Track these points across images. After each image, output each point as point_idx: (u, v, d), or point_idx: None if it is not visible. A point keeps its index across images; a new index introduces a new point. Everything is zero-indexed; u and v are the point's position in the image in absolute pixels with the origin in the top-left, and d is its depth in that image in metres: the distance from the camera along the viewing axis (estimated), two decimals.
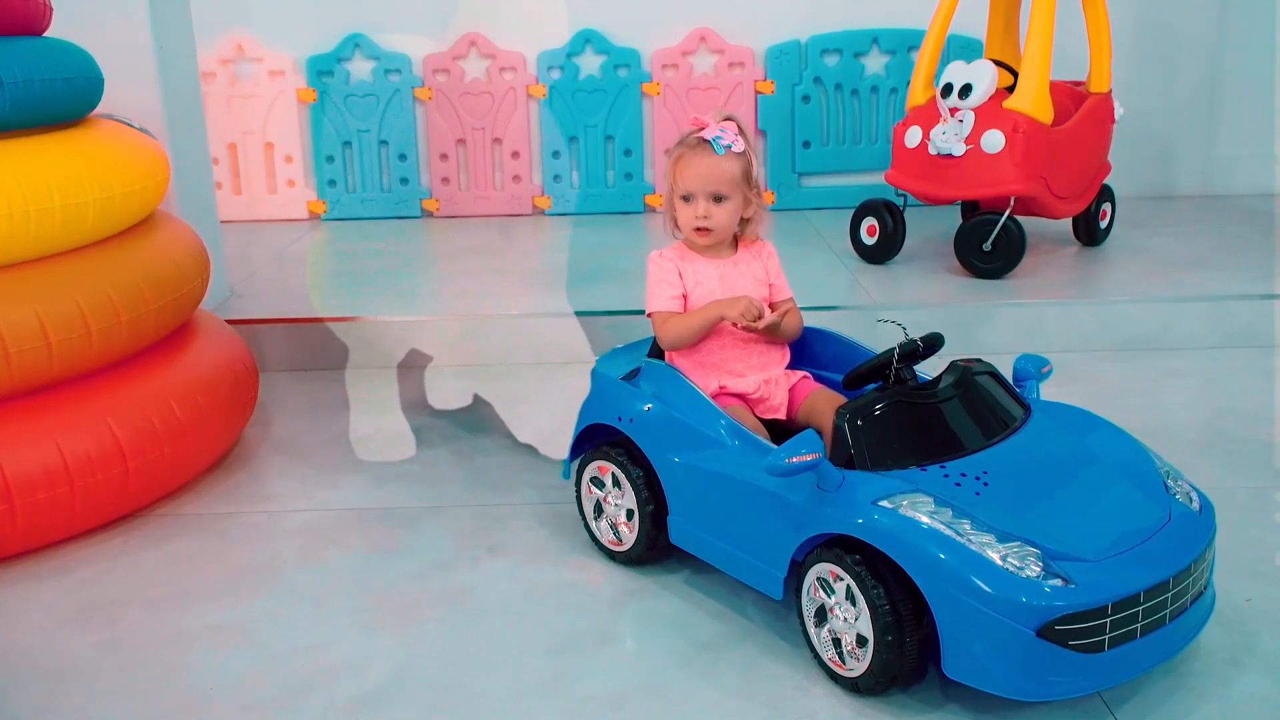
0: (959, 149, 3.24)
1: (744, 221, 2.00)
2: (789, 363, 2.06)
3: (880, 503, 1.55)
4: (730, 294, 1.96)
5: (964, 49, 4.06)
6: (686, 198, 1.96)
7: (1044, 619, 1.43)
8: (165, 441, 2.19)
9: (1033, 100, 3.21)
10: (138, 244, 2.32)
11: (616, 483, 1.99)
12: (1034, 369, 1.87)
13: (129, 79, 2.85)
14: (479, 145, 4.41)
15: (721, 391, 1.97)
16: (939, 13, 3.46)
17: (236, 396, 2.45)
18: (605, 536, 2.03)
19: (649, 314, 2.00)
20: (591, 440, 2.06)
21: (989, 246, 3.25)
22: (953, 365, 1.79)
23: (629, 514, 1.97)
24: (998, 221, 3.24)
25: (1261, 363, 2.95)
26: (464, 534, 2.14)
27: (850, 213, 3.61)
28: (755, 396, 1.98)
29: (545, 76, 4.35)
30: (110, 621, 1.89)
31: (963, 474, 1.62)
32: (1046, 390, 1.92)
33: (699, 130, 1.95)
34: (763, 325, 1.91)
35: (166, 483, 2.27)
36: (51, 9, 2.31)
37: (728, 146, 1.92)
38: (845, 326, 2.27)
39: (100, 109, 2.42)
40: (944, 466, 1.63)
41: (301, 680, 1.71)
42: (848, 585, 1.58)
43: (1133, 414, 2.50)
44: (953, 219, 3.74)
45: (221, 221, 3.50)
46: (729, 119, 1.96)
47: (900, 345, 1.77)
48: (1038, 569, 1.46)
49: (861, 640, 1.58)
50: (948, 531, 1.50)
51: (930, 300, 3.16)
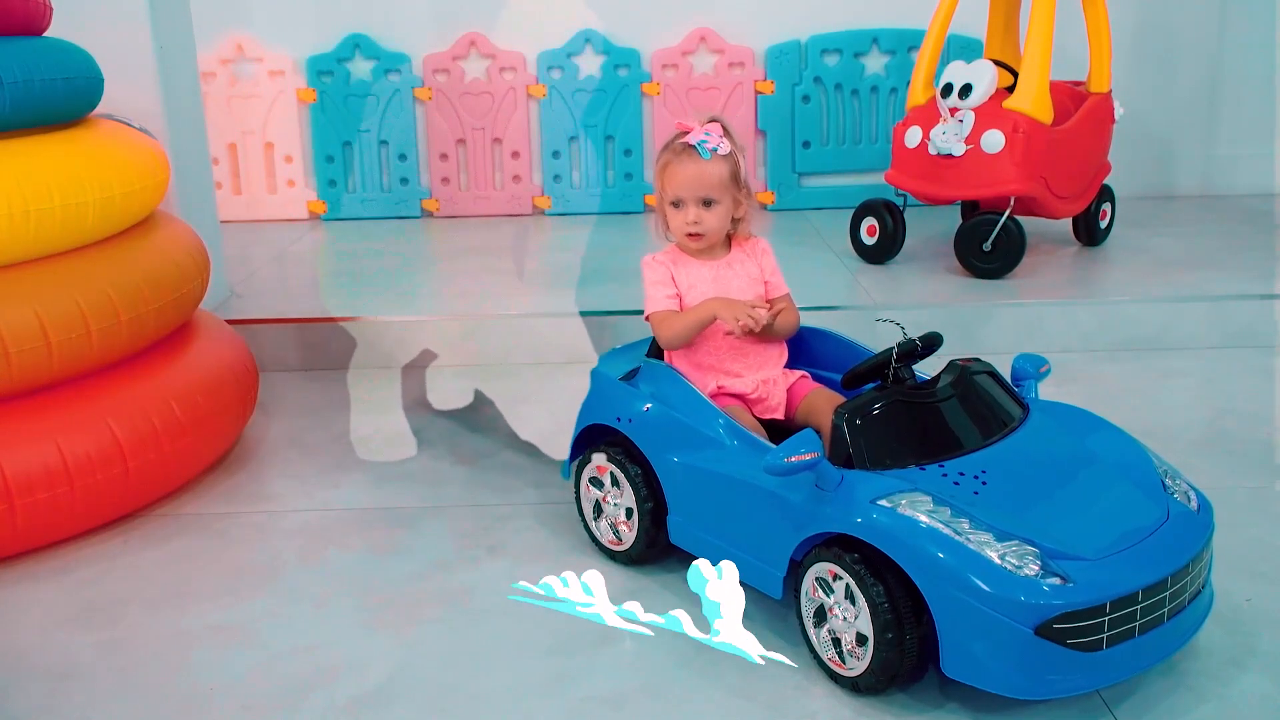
0: (959, 149, 3.24)
1: (735, 221, 2.00)
2: (787, 362, 2.06)
3: (879, 502, 1.56)
4: (724, 294, 1.96)
5: (964, 49, 4.05)
6: (676, 204, 1.96)
7: (1042, 618, 1.43)
8: (165, 441, 2.19)
9: (1033, 100, 3.21)
10: (138, 244, 2.32)
11: (615, 482, 1.99)
12: (1032, 368, 1.87)
13: (129, 79, 2.85)
14: (479, 145, 4.41)
15: (719, 392, 1.97)
16: (939, 13, 3.45)
17: (237, 396, 2.44)
18: (605, 536, 2.03)
19: (647, 317, 2.00)
20: (591, 440, 2.06)
21: (989, 246, 3.25)
22: (951, 365, 1.79)
23: (628, 513, 1.97)
24: (998, 221, 3.24)
25: (1261, 363, 2.95)
26: (464, 534, 2.14)
27: (850, 213, 3.61)
28: (753, 397, 1.98)
29: (545, 76, 4.35)
30: (110, 621, 1.89)
31: (961, 473, 1.62)
32: (1046, 390, 1.93)
33: (684, 135, 1.94)
34: (758, 329, 1.91)
35: (166, 483, 2.27)
36: (51, 9, 2.31)
37: (714, 150, 1.92)
38: (845, 327, 2.27)
39: (100, 109, 2.41)
40: (942, 465, 1.63)
41: (301, 680, 1.71)
42: (847, 584, 1.58)
43: (1133, 414, 2.50)
44: (953, 219, 3.74)
45: (221, 221, 3.49)
46: (713, 120, 1.96)
47: (899, 345, 1.77)
48: (1036, 568, 1.47)
49: (861, 639, 1.58)
50: (946, 530, 1.50)
51: (930, 300, 3.16)
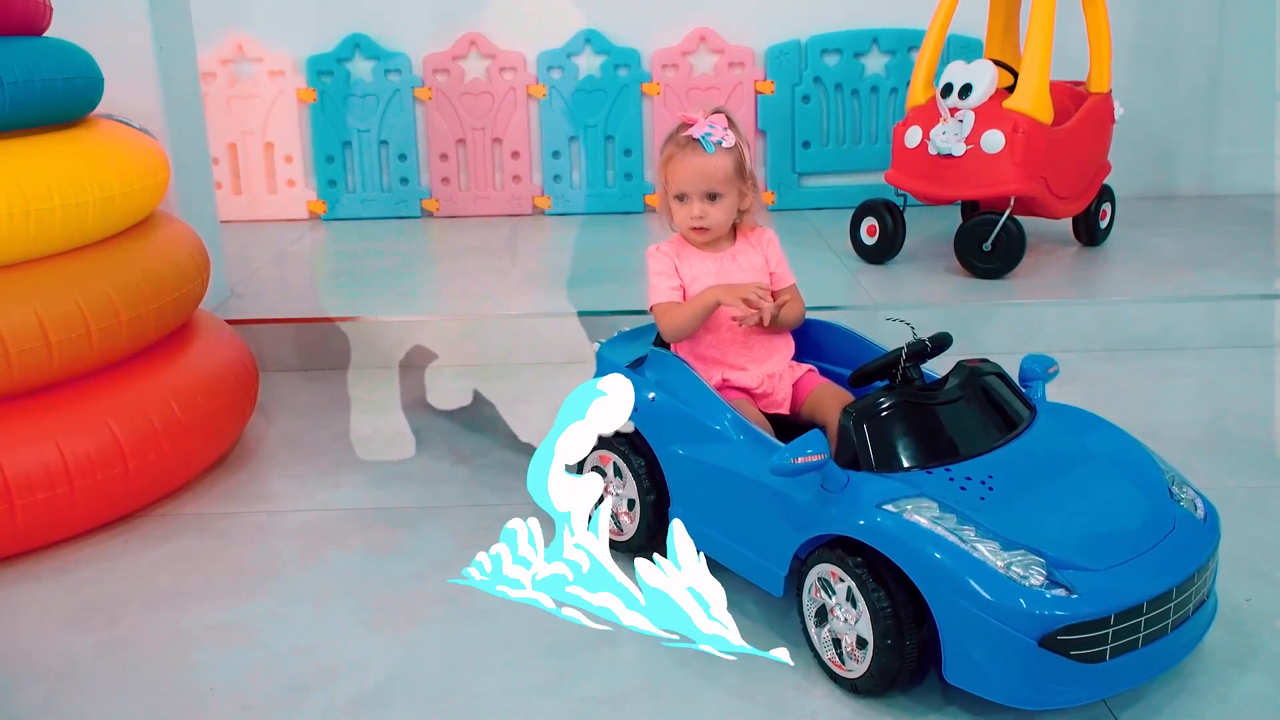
0: (959, 149, 3.24)
1: (740, 212, 1.98)
2: (794, 355, 2.04)
3: (884, 506, 1.54)
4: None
5: (964, 49, 4.05)
6: (681, 198, 1.94)
7: (1046, 629, 1.42)
8: (165, 441, 2.19)
9: (1033, 100, 3.20)
10: (138, 244, 2.32)
11: (618, 472, 1.99)
12: (1040, 369, 1.85)
13: (129, 79, 2.85)
14: (479, 145, 4.41)
15: (725, 385, 1.95)
16: (939, 13, 3.45)
17: (237, 396, 2.44)
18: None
19: (650, 308, 1.99)
20: None
21: (989, 246, 3.25)
22: (959, 366, 1.77)
23: (630, 504, 1.97)
24: (998, 221, 3.23)
25: (1261, 363, 2.95)
26: (464, 534, 2.13)
27: (850, 213, 3.61)
28: (759, 391, 1.97)
29: (545, 76, 4.34)
30: (110, 621, 1.89)
31: (968, 478, 1.61)
32: (1047, 391, 1.92)
33: (687, 128, 1.92)
34: (766, 321, 1.90)
35: (166, 483, 2.27)
36: (51, 9, 2.31)
37: (718, 143, 1.90)
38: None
39: (100, 109, 2.41)
40: (949, 470, 1.62)
41: (301, 680, 1.71)
42: (849, 587, 1.58)
43: (1132, 414, 2.50)
44: (953, 219, 3.74)
45: (221, 221, 3.49)
46: (717, 111, 1.93)
47: (908, 344, 1.76)
48: (1041, 578, 1.45)
49: (861, 642, 1.58)
50: (951, 538, 1.49)
51: (930, 300, 3.15)
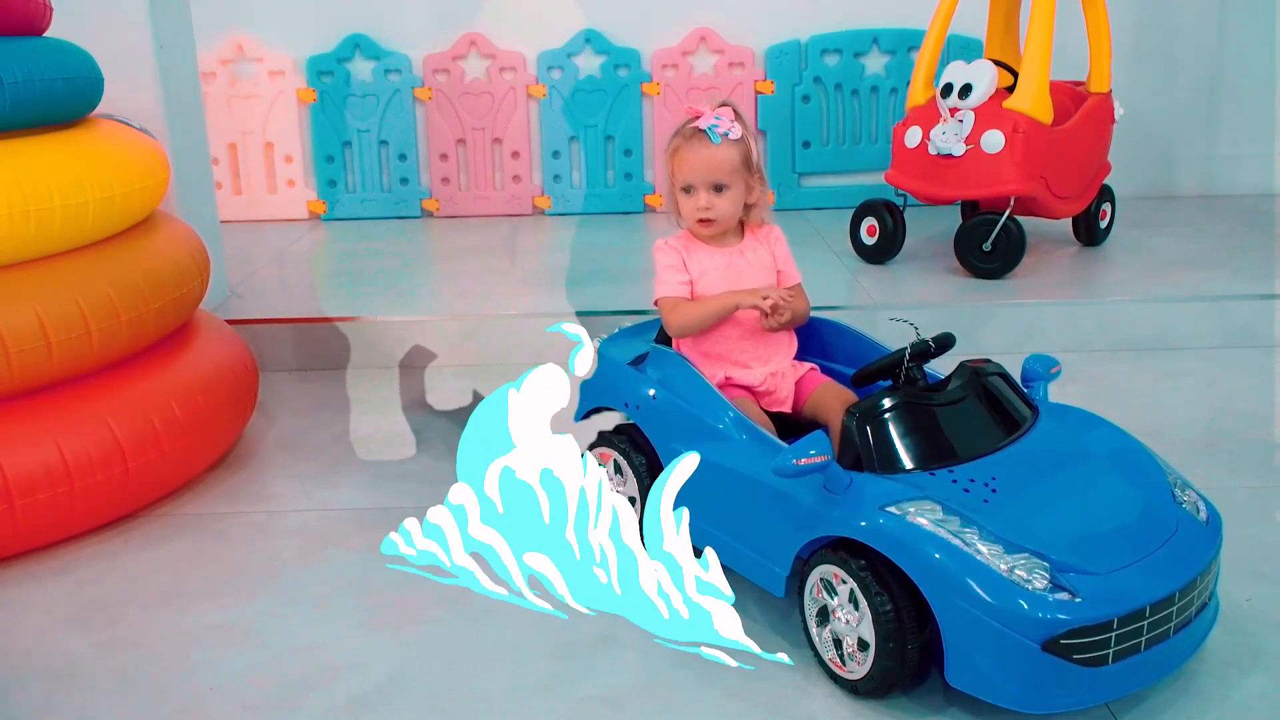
0: (959, 149, 3.24)
1: (748, 207, 1.98)
2: (796, 353, 2.04)
3: (887, 508, 1.54)
4: (736, 283, 1.95)
5: (964, 49, 4.05)
6: (687, 189, 1.94)
7: (1049, 633, 1.42)
8: (165, 441, 2.19)
9: (1033, 100, 3.20)
10: (138, 244, 2.32)
11: (618, 469, 1.98)
12: (1043, 370, 1.85)
13: (129, 79, 2.85)
14: (479, 145, 4.41)
15: (727, 383, 1.95)
16: (939, 13, 3.45)
17: (237, 396, 2.44)
18: None
19: (656, 301, 1.98)
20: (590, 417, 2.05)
21: (989, 246, 3.25)
22: (962, 366, 1.77)
23: (631, 501, 1.97)
24: (998, 221, 3.23)
25: (1261, 363, 2.95)
26: None
27: (850, 213, 3.60)
28: (761, 389, 1.97)
29: (545, 76, 4.34)
30: (110, 621, 1.88)
31: (971, 480, 1.61)
32: (1049, 391, 1.91)
33: (694, 120, 1.93)
34: (785, 318, 1.90)
35: (166, 483, 2.27)
36: (51, 9, 2.31)
37: (725, 135, 1.90)
38: None
39: (100, 109, 2.41)
40: (952, 471, 1.62)
41: (301, 680, 1.71)
42: (851, 589, 1.57)
43: (1132, 414, 2.49)
44: (953, 219, 3.74)
45: (221, 221, 3.49)
46: (724, 105, 1.94)
47: (912, 345, 1.76)
48: (1044, 582, 1.45)
49: (863, 644, 1.58)
50: (955, 541, 1.48)
51: (930, 300, 3.15)
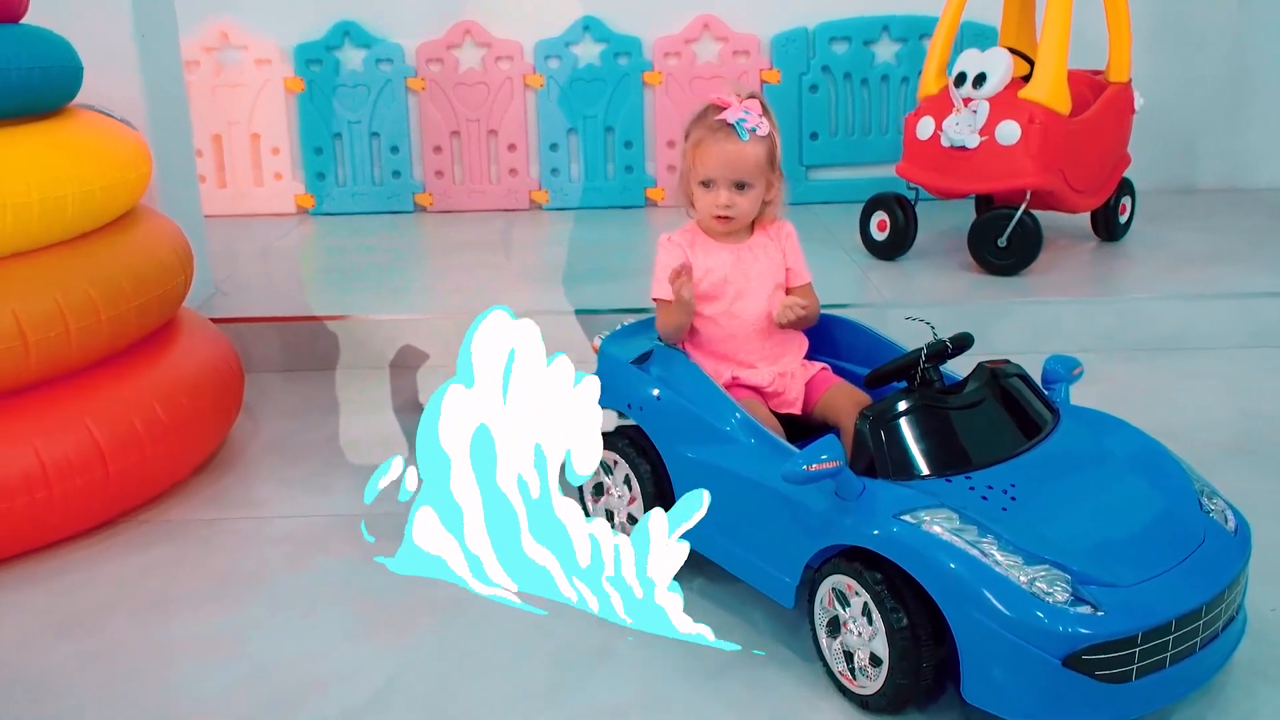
0: (973, 140, 3.24)
1: (764, 204, 1.97)
2: (807, 352, 2.03)
3: (902, 517, 1.53)
4: (745, 281, 1.95)
5: (978, 36, 4.06)
6: (707, 183, 1.92)
7: (1071, 648, 1.42)
8: (147, 445, 2.19)
9: (1049, 90, 3.21)
10: (118, 239, 2.32)
11: (609, 471, 1.98)
12: (1065, 371, 1.83)
13: (109, 68, 2.85)
14: (474, 137, 4.41)
15: (734, 383, 1.95)
16: None
17: (221, 398, 2.45)
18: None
19: (654, 299, 1.98)
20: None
21: (1004, 242, 3.25)
22: (980, 367, 1.76)
23: (631, 520, 1.97)
24: (1013, 216, 3.24)
25: None
26: None
27: (859, 207, 3.61)
28: (770, 390, 1.96)
29: (543, 66, 4.35)
30: (91, 632, 1.89)
31: (989, 486, 1.60)
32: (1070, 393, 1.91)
33: (721, 111, 1.90)
34: (792, 315, 1.90)
35: (149, 487, 2.28)
36: None
37: (753, 130, 1.88)
38: None
39: (79, 99, 2.41)
40: (969, 478, 1.61)
41: (290, 692, 1.71)
42: (865, 602, 1.57)
43: (1153, 417, 2.49)
44: (966, 213, 3.74)
45: (206, 216, 3.49)
46: (752, 97, 1.91)
47: (928, 345, 1.76)
48: (1066, 594, 1.44)
49: (875, 660, 1.57)
50: (972, 551, 1.48)
51: (943, 298, 3.16)
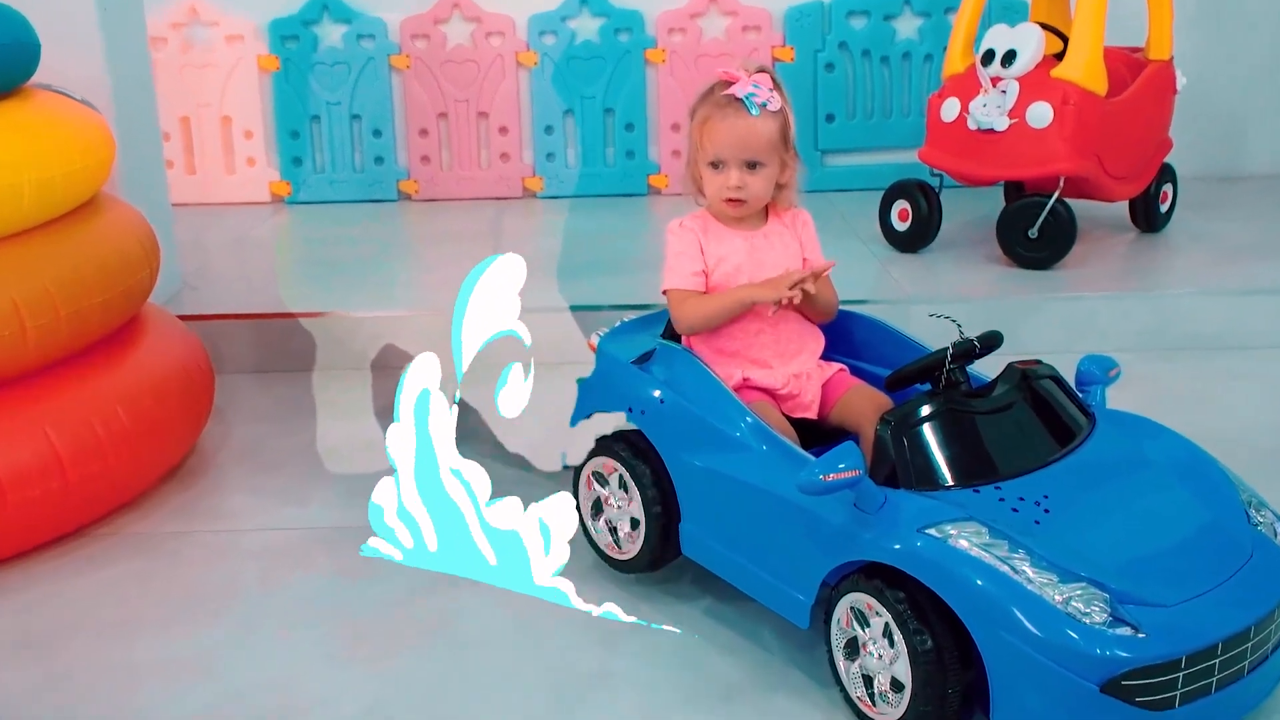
0: (1001, 123, 3.23)
1: (779, 187, 1.96)
2: (823, 352, 2.02)
3: (926, 530, 1.52)
4: (758, 271, 1.94)
5: (1007, 10, 4.06)
6: (716, 164, 1.92)
7: (1110, 673, 1.41)
8: (110, 451, 2.19)
9: (1084, 68, 3.20)
10: (79, 230, 2.32)
11: (622, 484, 1.97)
12: (1101, 372, 1.83)
13: (69, 45, 2.83)
14: (463, 120, 4.41)
15: (745, 385, 1.94)
16: None
17: (190, 401, 2.44)
18: (602, 540, 2.03)
19: (665, 291, 1.97)
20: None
21: (1035, 233, 3.25)
22: (1010, 369, 1.75)
23: (634, 522, 1.96)
24: (1045, 205, 3.23)
25: None
26: None
27: (879, 195, 3.61)
28: (783, 392, 1.95)
29: (537, 42, 4.34)
30: (50, 654, 1.88)
31: (1021, 498, 1.59)
32: (1108, 396, 1.88)
33: (729, 86, 1.90)
34: (809, 287, 1.85)
35: (112, 498, 2.27)
36: None
37: (763, 105, 1.88)
38: None
39: (36, 78, 2.40)
40: (999, 488, 1.60)
41: (266, 719, 1.70)
42: (886, 622, 1.56)
43: (1195, 421, 2.47)
44: (995, 202, 3.73)
45: (173, 205, 3.50)
46: (762, 70, 1.91)
47: (954, 344, 1.75)
48: (1104, 615, 1.43)
49: (897, 685, 1.56)
50: (1003, 568, 1.47)
51: (970, 293, 3.15)
